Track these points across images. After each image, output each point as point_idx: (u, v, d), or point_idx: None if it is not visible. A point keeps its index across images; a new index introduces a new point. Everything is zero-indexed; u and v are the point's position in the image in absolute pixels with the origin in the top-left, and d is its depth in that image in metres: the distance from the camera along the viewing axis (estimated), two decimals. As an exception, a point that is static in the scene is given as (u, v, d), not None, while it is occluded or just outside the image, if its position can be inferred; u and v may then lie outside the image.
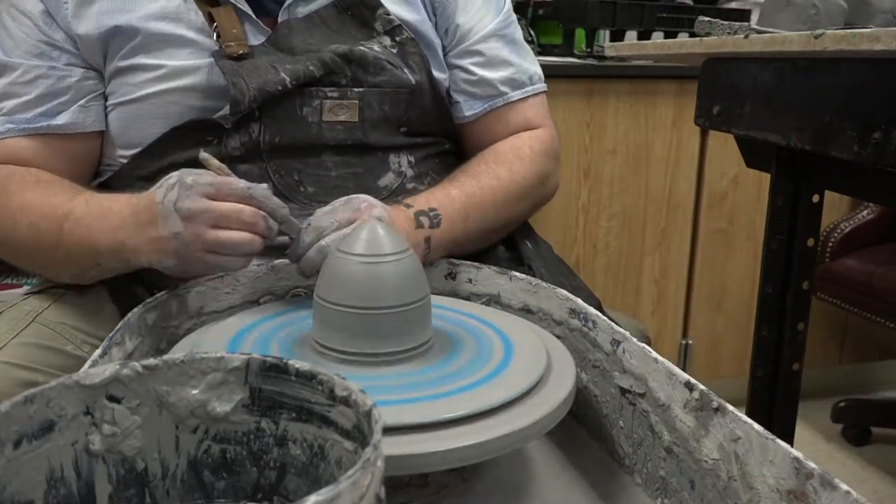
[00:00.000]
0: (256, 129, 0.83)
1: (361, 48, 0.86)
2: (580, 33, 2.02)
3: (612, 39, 2.01)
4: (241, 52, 0.82)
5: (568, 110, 1.85)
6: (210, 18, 0.84)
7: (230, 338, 0.64)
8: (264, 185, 0.70)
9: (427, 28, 0.93)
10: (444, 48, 0.95)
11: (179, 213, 0.66)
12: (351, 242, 0.60)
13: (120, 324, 0.64)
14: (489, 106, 0.96)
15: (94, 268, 0.77)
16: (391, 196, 0.87)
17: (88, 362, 0.56)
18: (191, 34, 0.84)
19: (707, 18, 1.09)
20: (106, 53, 0.84)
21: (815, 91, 0.92)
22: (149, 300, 0.70)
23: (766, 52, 0.95)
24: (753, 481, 0.47)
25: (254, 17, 0.86)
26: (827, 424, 2.05)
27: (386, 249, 0.60)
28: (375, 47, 0.88)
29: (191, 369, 0.46)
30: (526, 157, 0.93)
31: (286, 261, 0.78)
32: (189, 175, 0.68)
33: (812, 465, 0.43)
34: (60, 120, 0.84)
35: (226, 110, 0.82)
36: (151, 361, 0.45)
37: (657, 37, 1.98)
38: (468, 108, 0.96)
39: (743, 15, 1.95)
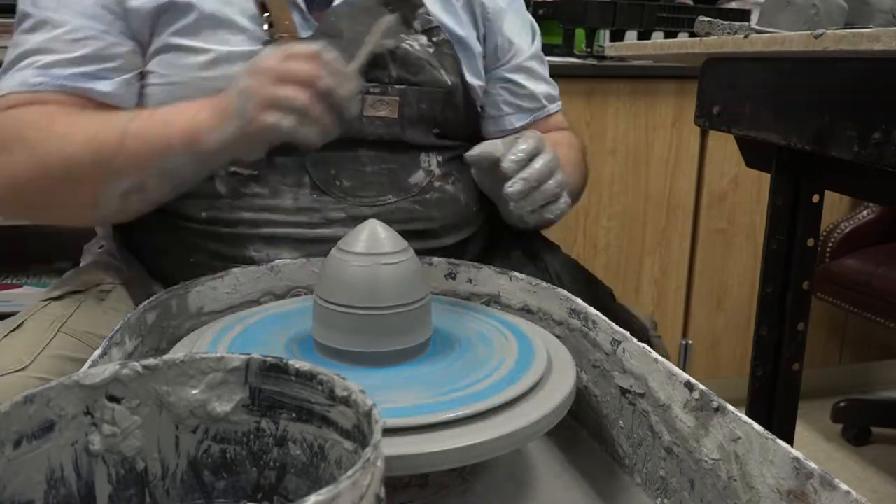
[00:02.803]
0: None
1: (405, 46, 0.88)
2: (580, 33, 2.01)
3: (612, 39, 2.01)
4: (283, 36, 0.83)
5: (568, 110, 1.83)
6: (262, 7, 0.84)
7: (230, 338, 0.64)
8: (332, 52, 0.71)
9: (467, 34, 0.96)
10: (487, 59, 1.00)
11: (248, 68, 0.70)
12: (351, 242, 0.60)
13: (120, 324, 0.64)
14: (534, 117, 1.04)
15: (152, 175, 0.74)
16: (420, 193, 0.89)
17: (88, 362, 0.56)
18: (243, 20, 0.84)
19: (707, 18, 1.09)
20: (154, 28, 0.82)
21: (815, 91, 0.92)
22: (149, 300, 0.70)
23: (766, 52, 0.95)
24: (753, 481, 0.47)
25: (305, 9, 0.87)
26: (827, 424, 2.05)
27: (386, 249, 0.60)
28: (416, 45, 0.90)
29: (191, 369, 0.45)
30: (567, 143, 1.02)
31: (286, 260, 0.78)
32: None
33: (812, 465, 0.43)
34: (104, 87, 0.80)
35: None
36: (151, 361, 0.45)
37: (657, 37, 1.98)
38: (518, 120, 1.03)
39: (743, 15, 1.95)
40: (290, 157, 0.84)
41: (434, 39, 0.91)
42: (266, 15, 0.84)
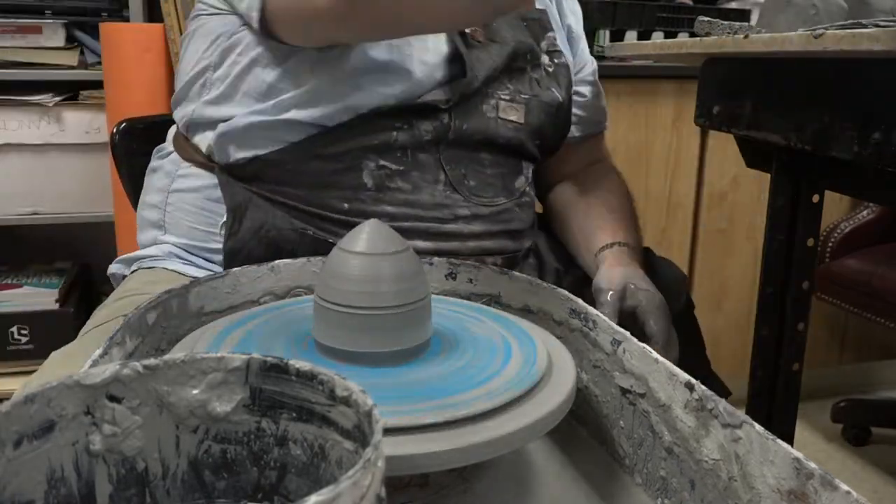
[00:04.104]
0: (446, 117, 0.88)
1: (539, 52, 0.97)
2: (580, 33, 2.01)
3: (612, 39, 2.00)
4: (480, 39, 0.91)
5: (568, 110, 1.85)
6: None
7: (230, 338, 0.64)
8: None
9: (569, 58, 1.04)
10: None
11: None
12: (351, 241, 0.60)
13: (120, 324, 0.64)
14: (591, 131, 1.10)
15: None
16: (520, 197, 0.96)
17: (89, 362, 0.56)
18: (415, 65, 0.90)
19: (707, 18, 1.09)
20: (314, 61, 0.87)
21: (815, 91, 0.92)
22: (149, 300, 0.70)
23: (766, 52, 0.95)
24: (754, 481, 0.47)
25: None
26: (827, 424, 2.05)
27: (386, 249, 0.60)
28: (545, 61, 0.98)
29: (191, 369, 0.45)
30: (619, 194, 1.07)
31: (286, 260, 0.78)
32: None
33: (812, 465, 0.43)
34: None
35: (438, 95, 0.88)
36: (152, 361, 0.45)
37: (657, 37, 1.98)
38: (577, 130, 1.07)
39: (743, 15, 1.95)
40: (430, 155, 0.88)
41: (555, 61, 0.99)
42: None
